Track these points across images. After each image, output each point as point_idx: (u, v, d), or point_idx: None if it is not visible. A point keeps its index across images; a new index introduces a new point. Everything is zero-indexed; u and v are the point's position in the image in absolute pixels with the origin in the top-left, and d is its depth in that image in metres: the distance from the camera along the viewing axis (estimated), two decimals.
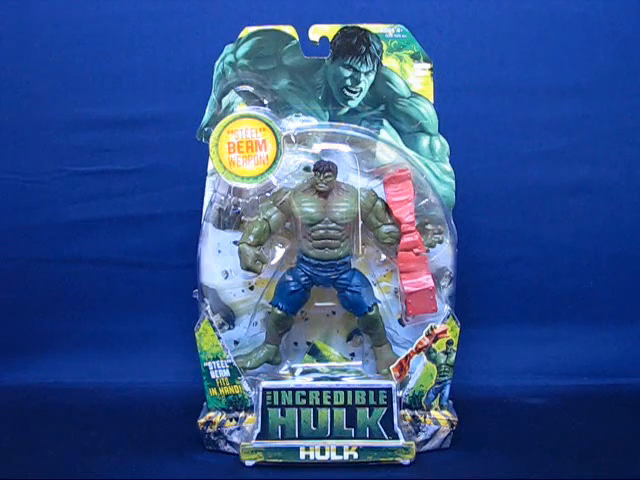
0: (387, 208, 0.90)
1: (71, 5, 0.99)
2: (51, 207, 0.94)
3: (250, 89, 0.92)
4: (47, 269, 0.93)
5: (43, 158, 0.93)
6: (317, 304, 0.93)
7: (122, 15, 1.00)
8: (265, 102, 0.93)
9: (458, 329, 0.91)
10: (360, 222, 0.90)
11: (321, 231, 0.89)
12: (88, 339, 0.79)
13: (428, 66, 0.92)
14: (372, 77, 0.91)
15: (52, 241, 0.94)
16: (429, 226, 0.91)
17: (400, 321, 0.94)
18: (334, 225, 0.90)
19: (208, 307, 0.91)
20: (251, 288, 0.93)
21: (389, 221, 0.91)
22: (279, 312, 0.91)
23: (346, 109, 0.92)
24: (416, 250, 0.90)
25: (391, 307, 0.94)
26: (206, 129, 0.92)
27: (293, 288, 0.90)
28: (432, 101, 0.90)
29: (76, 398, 0.91)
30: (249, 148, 0.91)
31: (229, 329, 0.93)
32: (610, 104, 1.05)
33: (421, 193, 0.92)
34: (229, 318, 0.93)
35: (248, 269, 0.89)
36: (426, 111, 0.92)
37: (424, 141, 0.92)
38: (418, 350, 0.95)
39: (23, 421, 0.90)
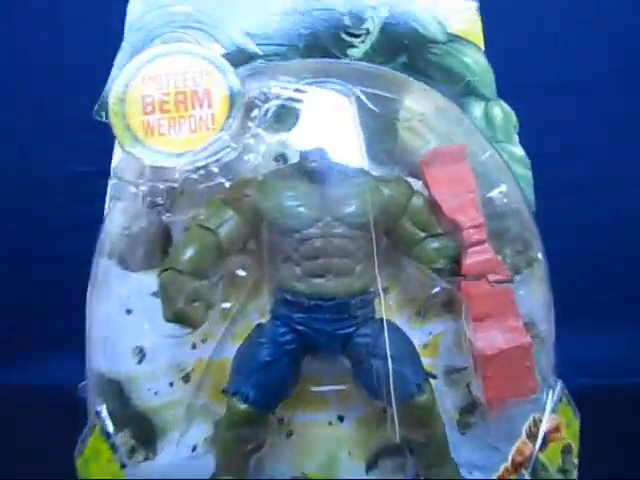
0: (432, 207, 0.57)
1: (71, 4, 0.91)
2: (51, 207, 0.89)
3: (187, 34, 0.61)
4: (47, 269, 0.90)
5: (43, 158, 0.90)
6: (313, 389, 0.58)
7: (122, 14, 0.82)
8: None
9: (578, 423, 0.58)
10: (373, 228, 0.56)
11: (317, 242, 0.54)
12: None
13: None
14: (384, 12, 0.64)
15: (52, 241, 0.90)
16: (506, 237, 0.59)
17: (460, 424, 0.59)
18: (342, 230, 0.54)
19: (103, 408, 0.58)
20: (186, 378, 0.59)
21: (437, 230, 0.57)
22: (242, 407, 0.53)
23: (345, 62, 0.63)
24: (493, 276, 0.56)
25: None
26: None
27: (268, 357, 0.54)
28: (483, 47, 0.65)
29: (77, 398, 0.72)
30: (181, 104, 0.56)
31: (146, 459, 0.59)
32: (611, 103, 0.92)
33: (485, 184, 0.60)
34: (146, 438, 0.59)
35: (177, 318, 0.54)
36: (475, 62, 0.65)
37: (476, 108, 0.64)
38: (516, 467, 0.55)
39: (23, 422, 0.86)
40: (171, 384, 0.60)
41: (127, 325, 0.61)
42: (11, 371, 0.92)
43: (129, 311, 0.61)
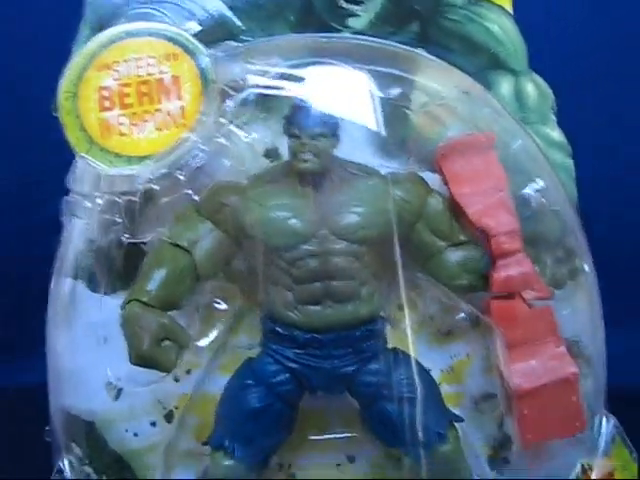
0: (453, 210, 0.48)
1: (72, 4, 0.78)
2: (51, 207, 0.77)
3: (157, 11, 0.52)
4: (47, 269, 0.79)
5: (43, 158, 0.85)
6: (312, 437, 0.49)
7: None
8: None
9: (636, 465, 0.49)
10: (396, 240, 0.46)
11: (313, 262, 0.44)
12: None
13: None
14: None
15: (52, 241, 0.79)
16: (544, 244, 0.49)
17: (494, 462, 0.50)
18: (342, 246, 0.44)
19: (66, 464, 0.51)
20: (168, 417, 0.52)
21: (460, 237, 0.47)
22: (227, 463, 0.45)
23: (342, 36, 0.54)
24: (529, 293, 0.47)
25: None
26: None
27: (257, 404, 0.45)
28: (511, 10, 0.56)
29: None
30: (144, 96, 0.47)
31: None
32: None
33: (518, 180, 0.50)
34: None
35: (144, 362, 0.45)
36: (501, 29, 0.55)
37: (504, 85, 0.55)
38: None
39: (24, 422, 0.77)
40: (153, 424, 0.52)
41: (99, 356, 0.52)
42: (11, 371, 0.92)
43: (105, 339, 0.52)
